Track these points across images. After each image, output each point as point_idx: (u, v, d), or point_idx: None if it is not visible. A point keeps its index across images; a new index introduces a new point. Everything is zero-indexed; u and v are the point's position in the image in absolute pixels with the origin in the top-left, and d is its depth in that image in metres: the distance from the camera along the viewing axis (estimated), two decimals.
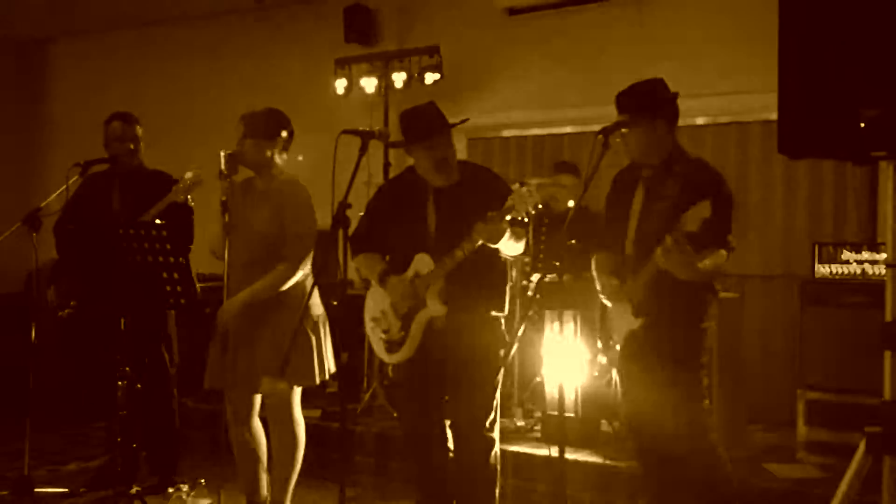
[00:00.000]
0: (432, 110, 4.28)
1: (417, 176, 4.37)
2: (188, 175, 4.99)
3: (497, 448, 4.35)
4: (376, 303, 4.43)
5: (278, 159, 4.65)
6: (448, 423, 4.41)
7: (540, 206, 4.09)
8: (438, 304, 4.19)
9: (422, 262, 4.24)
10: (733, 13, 6.62)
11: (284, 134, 4.64)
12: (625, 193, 4.11)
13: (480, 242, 4.02)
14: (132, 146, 5.40)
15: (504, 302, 4.37)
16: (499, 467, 4.38)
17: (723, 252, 3.80)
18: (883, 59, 2.77)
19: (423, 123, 4.23)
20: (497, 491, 4.39)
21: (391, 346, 4.37)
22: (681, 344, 3.92)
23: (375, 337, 4.45)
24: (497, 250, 4.17)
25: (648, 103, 3.98)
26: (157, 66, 9.32)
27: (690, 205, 3.54)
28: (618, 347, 4.09)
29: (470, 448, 4.30)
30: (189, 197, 5.06)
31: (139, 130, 5.45)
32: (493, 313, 4.32)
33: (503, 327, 4.38)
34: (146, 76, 9.29)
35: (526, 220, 4.09)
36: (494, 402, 4.31)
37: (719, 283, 4.09)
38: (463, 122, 4.40)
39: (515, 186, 3.98)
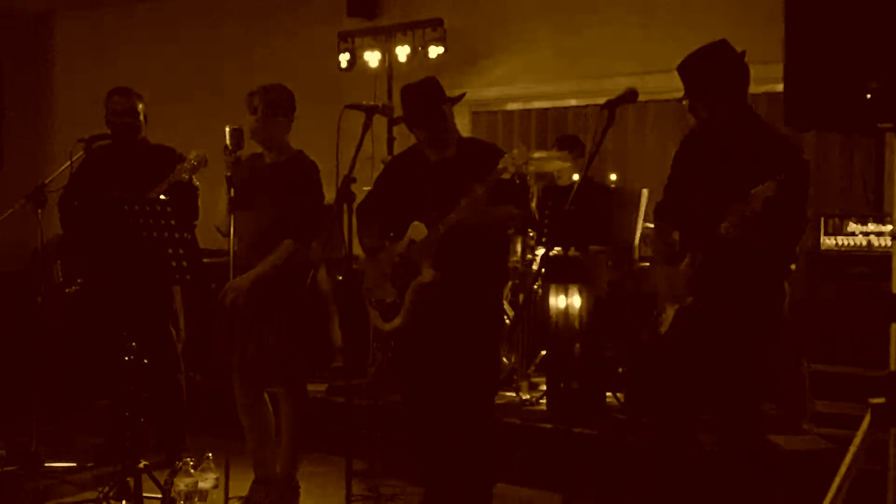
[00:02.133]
0: (429, 86, 4.30)
1: (419, 150, 4.40)
2: (192, 155, 4.98)
3: (496, 422, 4.36)
4: (373, 271, 4.44)
5: (284, 135, 4.66)
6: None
7: (532, 169, 4.04)
8: (430, 271, 4.21)
9: (417, 230, 4.26)
10: None
11: (290, 109, 4.65)
12: (693, 158, 3.99)
13: (457, 220, 4.02)
14: (130, 120, 5.38)
15: (503, 276, 4.37)
16: (497, 441, 4.39)
17: (794, 224, 3.71)
18: (888, 30, 2.75)
19: (417, 98, 4.26)
20: (495, 466, 4.41)
21: (386, 313, 4.38)
22: (740, 329, 3.79)
23: (372, 305, 4.47)
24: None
25: (718, 73, 3.81)
26: (160, 41, 9.28)
27: (760, 175, 3.46)
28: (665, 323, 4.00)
29: (467, 422, 4.31)
30: (193, 176, 5.06)
31: (139, 105, 5.44)
32: (491, 286, 4.32)
33: (502, 300, 4.37)
34: (150, 51, 9.26)
35: (518, 180, 4.07)
36: (493, 376, 4.32)
37: (794, 263, 3.93)
38: (460, 97, 4.39)
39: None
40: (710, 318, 3.83)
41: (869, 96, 2.78)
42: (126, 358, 4.60)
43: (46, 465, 5.46)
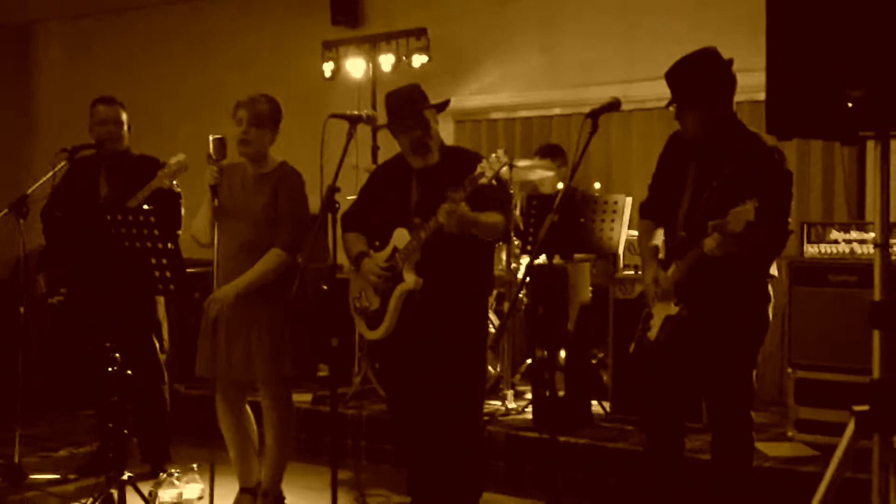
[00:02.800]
0: (412, 92, 4.31)
1: (403, 158, 4.41)
2: (172, 160, 4.98)
3: (482, 431, 4.36)
4: (358, 280, 4.44)
5: (270, 145, 4.65)
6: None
7: (508, 171, 4.04)
8: (414, 276, 4.20)
9: (400, 237, 4.27)
10: None
11: (278, 119, 4.64)
12: (678, 161, 3.98)
13: (439, 225, 4.03)
14: (114, 129, 5.37)
15: (487, 283, 4.37)
16: (482, 450, 4.39)
17: (779, 235, 3.73)
18: (869, 40, 2.77)
19: (400, 104, 4.27)
20: (481, 475, 4.41)
21: (371, 322, 4.38)
22: (726, 335, 3.82)
23: (357, 314, 4.47)
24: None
25: (707, 82, 3.79)
26: (143, 51, 9.27)
27: (744, 188, 3.48)
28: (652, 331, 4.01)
29: (453, 431, 4.31)
30: (175, 182, 5.05)
31: (123, 114, 5.43)
32: (475, 292, 4.32)
33: (487, 307, 4.37)
34: (133, 61, 9.25)
35: (495, 182, 4.06)
36: (479, 384, 4.32)
37: (774, 268, 3.95)
38: (444, 104, 4.39)
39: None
40: (697, 325, 3.85)
41: (850, 105, 2.80)
42: (109, 369, 4.58)
43: (30, 477, 5.43)
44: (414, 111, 4.25)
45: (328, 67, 7.76)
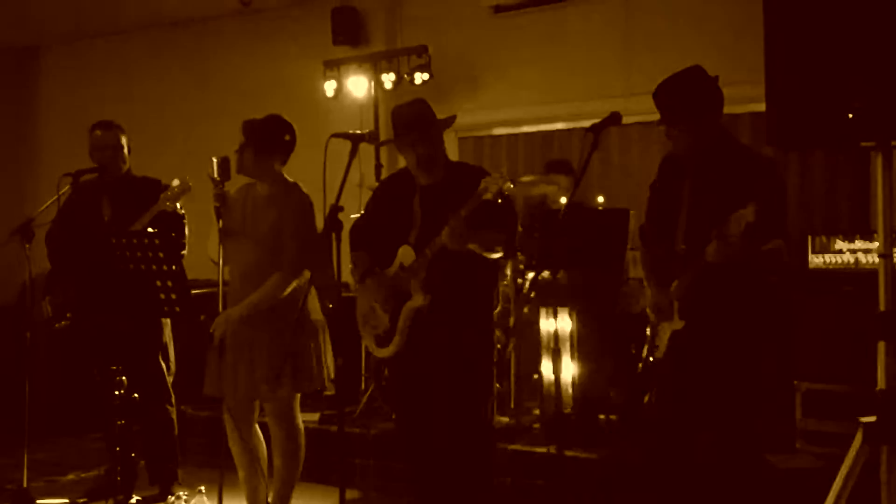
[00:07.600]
0: (419, 107, 4.31)
1: (409, 173, 4.41)
2: (175, 183, 4.99)
3: (492, 450, 4.34)
4: (366, 298, 4.44)
5: (279, 166, 4.66)
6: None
7: (511, 186, 4.03)
8: (421, 295, 4.21)
9: (406, 254, 4.27)
10: (719, 4, 6.63)
11: (285, 141, 4.64)
12: (672, 184, 4.01)
13: (442, 245, 4.04)
14: (113, 153, 5.38)
15: (492, 300, 4.37)
16: (491, 465, 4.37)
17: (779, 241, 3.74)
18: (869, 50, 2.78)
19: (407, 120, 4.27)
20: (490, 491, 4.39)
21: (380, 340, 4.38)
22: (733, 348, 3.80)
23: (366, 332, 4.47)
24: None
25: (693, 99, 3.84)
26: (147, 72, 9.29)
27: (739, 197, 3.49)
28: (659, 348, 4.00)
29: (462, 451, 4.29)
30: (178, 205, 5.06)
31: (122, 138, 5.44)
32: (481, 309, 4.32)
33: (493, 323, 4.37)
34: (135, 83, 9.27)
35: (500, 200, 4.05)
36: (488, 401, 4.31)
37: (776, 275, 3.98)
38: (451, 119, 4.39)
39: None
40: (704, 337, 3.84)
41: (851, 116, 2.80)
42: (116, 392, 4.58)
43: (38, 502, 5.42)
44: (422, 127, 4.25)
45: (330, 86, 7.78)
